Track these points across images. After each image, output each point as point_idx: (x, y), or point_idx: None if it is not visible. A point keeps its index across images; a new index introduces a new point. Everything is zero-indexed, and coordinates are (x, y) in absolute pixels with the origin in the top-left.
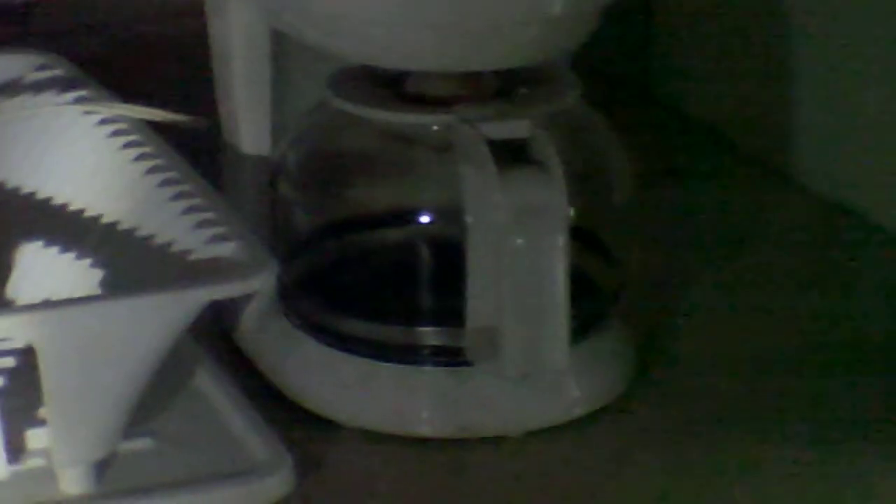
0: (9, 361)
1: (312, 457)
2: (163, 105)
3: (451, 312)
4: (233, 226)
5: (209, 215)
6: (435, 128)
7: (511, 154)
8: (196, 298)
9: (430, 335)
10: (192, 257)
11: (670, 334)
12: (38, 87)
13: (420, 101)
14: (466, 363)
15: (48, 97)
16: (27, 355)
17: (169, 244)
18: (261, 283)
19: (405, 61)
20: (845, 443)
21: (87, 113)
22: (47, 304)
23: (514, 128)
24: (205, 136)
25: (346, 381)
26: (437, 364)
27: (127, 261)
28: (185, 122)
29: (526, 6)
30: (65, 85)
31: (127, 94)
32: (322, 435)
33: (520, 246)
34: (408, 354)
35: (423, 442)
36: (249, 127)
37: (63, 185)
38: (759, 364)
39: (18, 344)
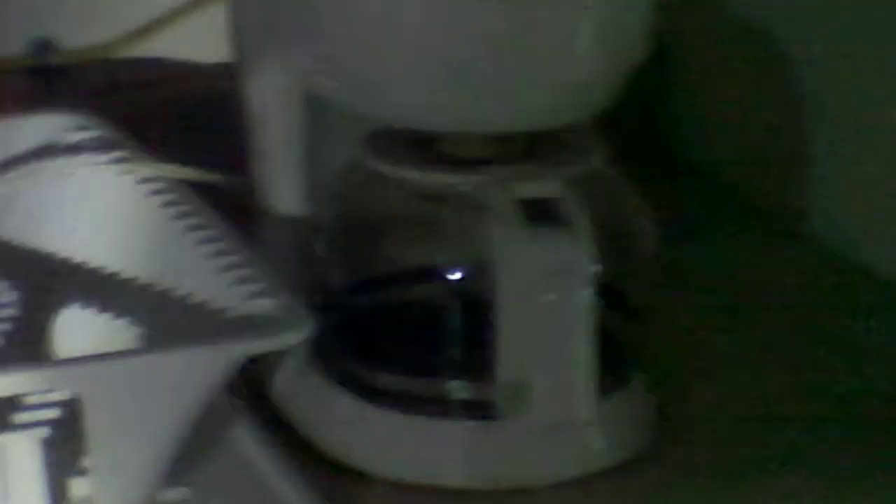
0: (54, 413)
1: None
2: (198, 166)
3: (480, 366)
4: (270, 283)
5: (246, 272)
6: (465, 188)
7: (539, 213)
8: (234, 353)
9: (459, 388)
10: (230, 314)
11: (692, 387)
12: (76, 148)
13: (452, 162)
14: (495, 416)
15: (87, 157)
16: (71, 406)
17: (206, 302)
18: (297, 339)
19: (438, 124)
20: (863, 495)
21: (125, 173)
22: (92, 357)
23: (544, 188)
24: (239, 196)
25: (378, 434)
26: (466, 417)
27: (165, 319)
28: (222, 181)
29: (556, 71)
30: (102, 145)
31: (161, 155)
32: (355, 487)
33: (548, 303)
34: (438, 407)
35: (454, 493)
36: (283, 187)
37: (101, 245)
38: (778, 417)
39: (63, 396)
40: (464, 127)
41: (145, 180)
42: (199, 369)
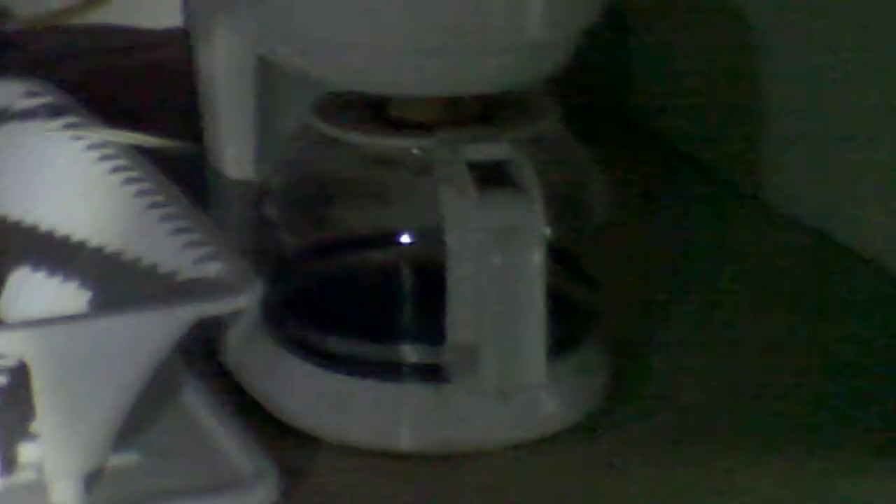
0: (1, 379)
1: (296, 471)
2: (148, 131)
3: (431, 330)
4: (219, 246)
5: (195, 236)
6: (416, 151)
7: (490, 176)
8: (183, 316)
9: (410, 352)
10: (180, 278)
11: (646, 352)
12: (26, 114)
13: (402, 126)
14: (447, 380)
15: (37, 124)
16: (19, 373)
17: (156, 266)
18: (247, 302)
19: (388, 87)
20: (817, 453)
21: (76, 138)
22: (39, 322)
23: (494, 150)
24: (190, 161)
25: (329, 398)
26: (417, 381)
27: (115, 283)
28: (172, 146)
29: (507, 32)
30: (53, 111)
31: (112, 120)
32: (305, 450)
33: (498, 265)
34: (389, 372)
35: (405, 457)
36: (234, 151)
37: (51, 210)
38: (733, 380)
39: (11, 361)
40: (414, 90)
41: (95, 146)
42: (147, 333)
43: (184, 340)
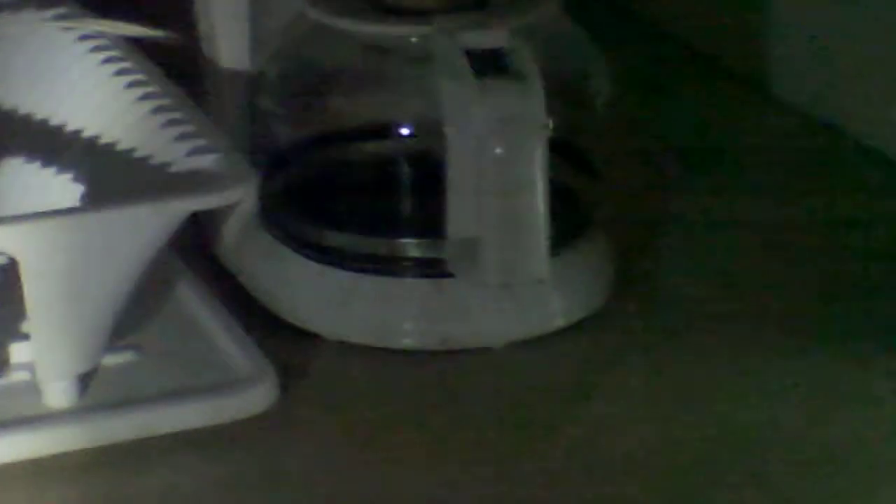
0: None
1: (295, 369)
2: (142, 21)
3: (432, 224)
4: (213, 138)
5: (189, 128)
6: (414, 39)
7: (489, 64)
8: (176, 210)
9: (410, 247)
10: (173, 170)
11: (650, 246)
12: (15, 5)
13: (399, 13)
14: (448, 274)
15: (27, 15)
16: (9, 271)
17: (149, 157)
18: (241, 195)
19: None
20: (821, 350)
21: (67, 29)
22: (29, 217)
23: (493, 38)
24: (185, 52)
25: (328, 295)
26: (418, 276)
27: (108, 174)
28: (163, 37)
29: None
30: (44, 1)
31: (105, 10)
32: (304, 348)
33: (498, 155)
34: (389, 266)
35: (405, 354)
36: (228, 41)
37: (43, 101)
38: (737, 274)
39: (0, 258)
40: None
41: (88, 37)
42: (140, 227)
43: (179, 236)
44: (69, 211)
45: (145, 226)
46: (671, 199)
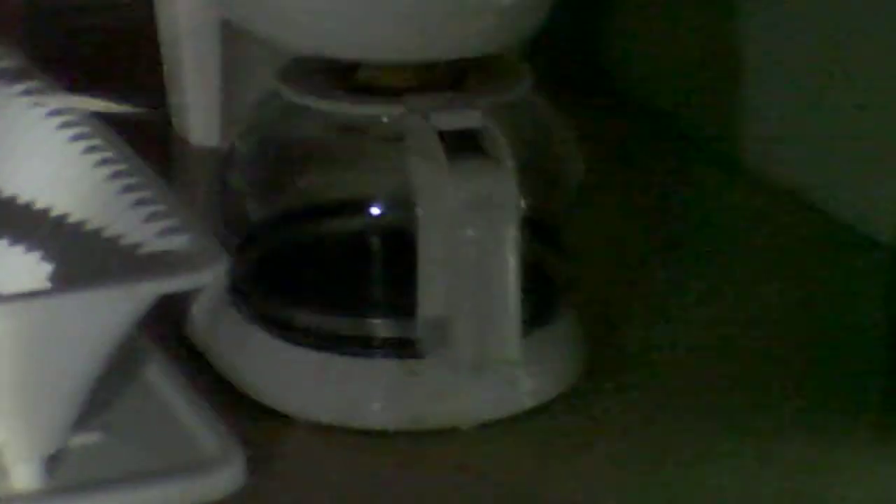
0: None
1: (264, 451)
2: (111, 95)
3: (402, 303)
4: (183, 218)
5: (159, 208)
6: (386, 119)
7: (462, 145)
8: (147, 292)
9: (381, 326)
10: (143, 250)
11: (622, 325)
12: None
13: (371, 92)
14: (418, 355)
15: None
16: None
17: (119, 237)
18: (212, 276)
19: (356, 52)
20: (796, 431)
21: (37, 105)
22: None
23: (465, 118)
24: (154, 128)
25: (297, 374)
26: (388, 356)
27: (77, 254)
28: (132, 112)
29: None
30: (12, 76)
31: (74, 83)
32: (274, 428)
33: (470, 237)
34: (358, 346)
35: (376, 434)
36: (199, 118)
37: (10, 177)
38: (712, 354)
39: None
40: (383, 56)
41: (56, 112)
42: (109, 309)
43: (147, 314)
44: (38, 293)
45: (114, 308)
46: (644, 277)
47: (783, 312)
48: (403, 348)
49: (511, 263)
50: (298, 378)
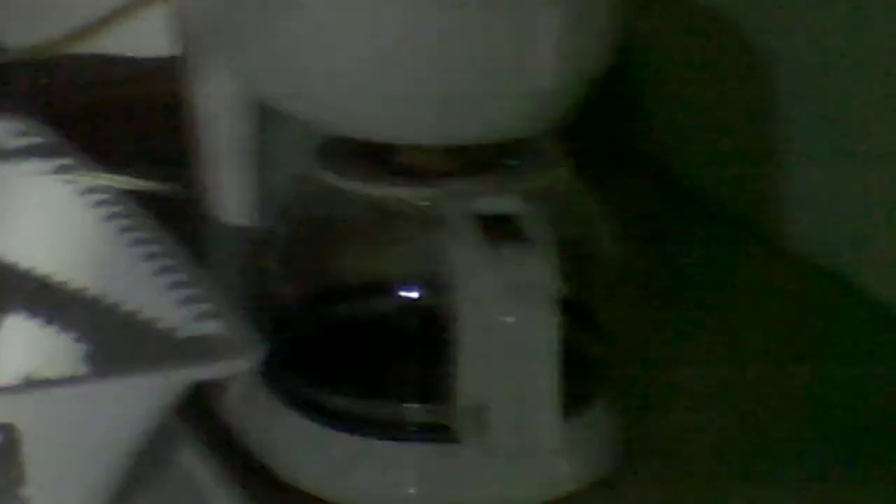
0: None
1: None
2: (139, 172)
3: (437, 388)
4: (218, 303)
5: (194, 291)
6: (423, 202)
7: (501, 230)
8: (183, 379)
9: (416, 412)
10: (178, 335)
11: (660, 408)
12: (16, 155)
13: (408, 174)
14: (454, 440)
15: (27, 165)
16: (8, 432)
17: (154, 320)
18: (247, 365)
19: (392, 135)
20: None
21: (68, 182)
22: (30, 385)
23: (505, 204)
24: (185, 206)
25: (330, 458)
26: (423, 441)
27: (111, 336)
28: (165, 190)
29: (518, 80)
30: (44, 152)
31: (103, 157)
32: None
33: (510, 324)
34: (393, 431)
35: None
36: (231, 197)
37: (45, 256)
38: (751, 438)
39: None
40: (421, 139)
41: (89, 190)
42: (143, 396)
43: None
44: (73, 380)
45: (150, 395)
46: (681, 358)
47: (822, 394)
48: (439, 433)
49: (552, 351)
50: (331, 462)
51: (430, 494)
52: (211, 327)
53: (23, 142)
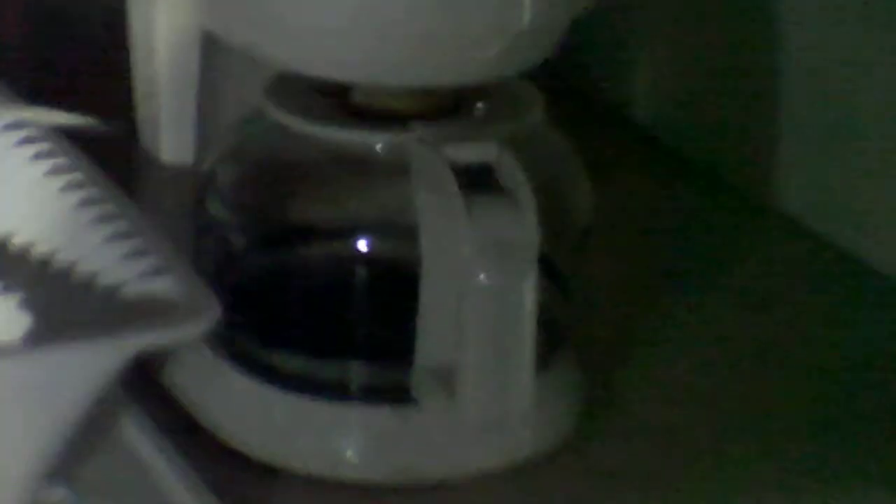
0: None
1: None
2: (71, 108)
3: (392, 346)
4: (166, 257)
5: (138, 243)
6: (388, 149)
7: (476, 181)
8: (129, 349)
9: (368, 372)
10: (123, 293)
11: (626, 368)
12: None
13: (367, 115)
14: (411, 402)
15: None
16: None
17: (95, 275)
18: (202, 330)
19: (357, 75)
20: (802, 477)
21: None
22: None
23: (480, 151)
24: (118, 144)
25: (280, 422)
26: (376, 403)
27: (50, 295)
28: (96, 127)
29: (494, 17)
30: None
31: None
32: (256, 480)
33: (485, 283)
34: (344, 392)
35: (360, 488)
36: (174, 135)
37: None
38: (724, 400)
39: None
40: (388, 80)
41: (14, 126)
42: (87, 367)
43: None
44: (8, 349)
45: (91, 366)
46: (653, 316)
47: (794, 352)
48: (393, 394)
49: (528, 313)
50: (278, 425)
51: (379, 460)
52: (159, 285)
53: None
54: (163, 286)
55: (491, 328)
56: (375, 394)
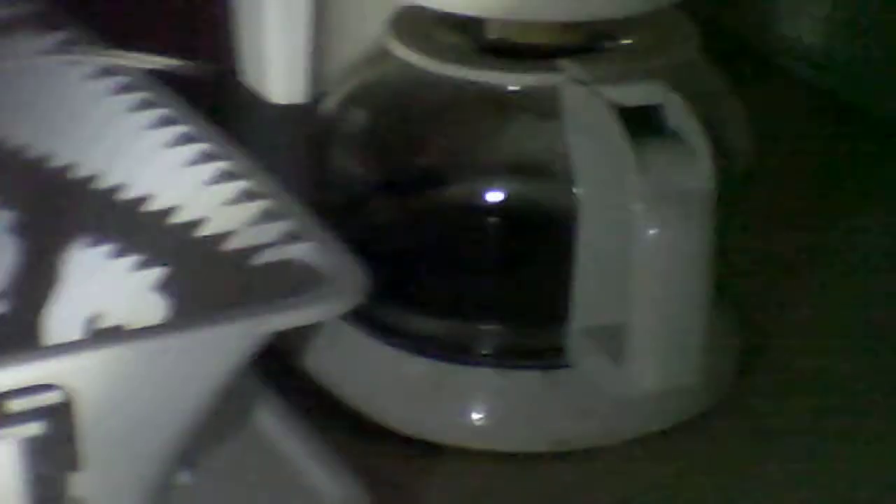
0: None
1: (386, 482)
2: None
3: (542, 307)
4: (301, 219)
5: (268, 204)
6: (535, 90)
7: (644, 125)
8: (268, 328)
9: (510, 332)
10: (258, 260)
11: (782, 322)
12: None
13: (504, 52)
14: (563, 365)
15: (25, 43)
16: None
17: (223, 238)
18: (353, 302)
19: (491, 8)
20: None
21: (73, 62)
22: (84, 344)
23: (646, 93)
24: (218, 86)
25: (419, 390)
26: (519, 367)
27: (181, 259)
28: (193, 68)
29: None
30: (35, 24)
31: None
32: (397, 452)
33: (659, 238)
34: (485, 356)
35: (511, 457)
36: (282, 72)
37: (72, 153)
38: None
39: (49, 397)
40: (524, 14)
41: (104, 72)
42: (220, 349)
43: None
44: (133, 334)
45: (225, 348)
46: (806, 277)
47: None
48: (541, 359)
49: (705, 270)
50: (421, 394)
51: (533, 428)
52: (299, 252)
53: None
54: (301, 253)
55: (665, 287)
56: (519, 357)
